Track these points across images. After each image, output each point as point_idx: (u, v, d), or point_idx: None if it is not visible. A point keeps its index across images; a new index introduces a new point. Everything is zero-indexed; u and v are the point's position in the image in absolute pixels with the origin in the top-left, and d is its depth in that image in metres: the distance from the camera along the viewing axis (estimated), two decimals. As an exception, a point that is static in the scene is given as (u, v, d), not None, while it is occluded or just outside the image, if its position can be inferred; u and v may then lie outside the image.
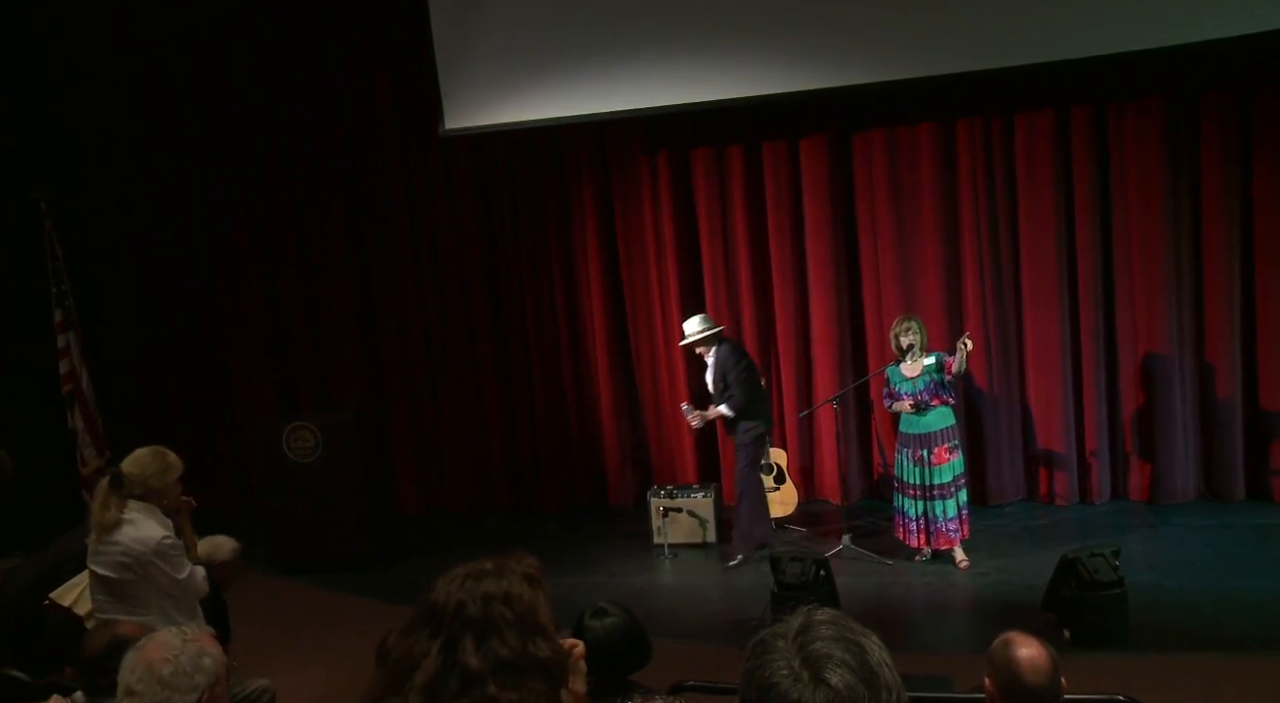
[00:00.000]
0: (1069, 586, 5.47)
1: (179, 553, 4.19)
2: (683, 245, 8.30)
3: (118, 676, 2.57)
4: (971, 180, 7.64)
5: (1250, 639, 5.41)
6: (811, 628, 1.47)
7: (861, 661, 1.42)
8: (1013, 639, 2.79)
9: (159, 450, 4.27)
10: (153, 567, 4.11)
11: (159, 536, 4.13)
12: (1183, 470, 7.51)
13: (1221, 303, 7.31)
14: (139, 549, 4.09)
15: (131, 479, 4.18)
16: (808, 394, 8.24)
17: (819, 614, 1.50)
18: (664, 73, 7.47)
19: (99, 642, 3.21)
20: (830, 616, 1.50)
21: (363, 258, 8.99)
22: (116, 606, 4.13)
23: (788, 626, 1.49)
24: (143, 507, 4.19)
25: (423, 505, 9.08)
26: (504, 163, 8.56)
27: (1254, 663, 5.16)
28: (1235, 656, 5.24)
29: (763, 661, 1.45)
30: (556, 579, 6.55)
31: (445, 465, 9.04)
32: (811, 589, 5.64)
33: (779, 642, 1.46)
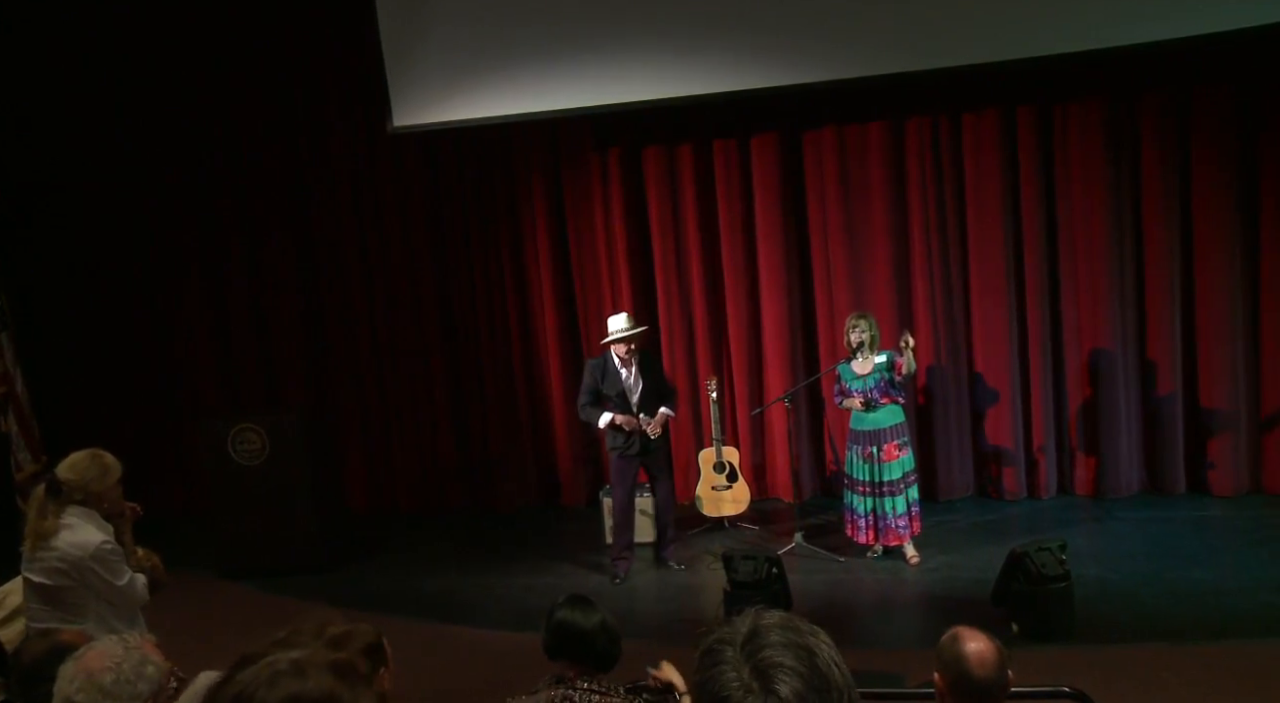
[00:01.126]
0: (1017, 580, 5.52)
1: (118, 559, 4.08)
2: (634, 243, 8.29)
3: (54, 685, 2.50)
4: (920, 179, 7.70)
5: (1190, 629, 5.52)
6: (759, 634, 1.45)
7: (811, 665, 1.42)
8: (960, 634, 2.79)
9: (96, 454, 4.16)
10: (90, 573, 3.99)
11: (98, 540, 4.02)
12: (1126, 465, 7.62)
13: (1163, 300, 7.42)
14: (76, 554, 3.98)
15: (70, 485, 4.06)
16: (759, 392, 8.25)
17: (766, 617, 1.49)
18: (615, 71, 7.45)
19: (37, 650, 3.11)
20: (778, 618, 1.48)
21: (309, 256, 8.88)
22: (52, 614, 3.99)
23: (735, 631, 1.47)
24: (82, 511, 4.08)
25: (372, 507, 9.01)
26: (454, 160, 8.50)
27: (1194, 652, 5.25)
28: (1176, 645, 5.33)
29: (713, 673, 1.43)
30: (509, 580, 7.10)
31: (395, 466, 8.98)
32: (764, 587, 5.68)
33: (727, 650, 1.44)
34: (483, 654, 6.02)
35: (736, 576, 5.77)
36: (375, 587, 7.25)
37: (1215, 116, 7.18)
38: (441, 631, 6.36)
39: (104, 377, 9.23)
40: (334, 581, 7.39)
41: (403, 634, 5.54)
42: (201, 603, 7.00)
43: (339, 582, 7.37)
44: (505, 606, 6.70)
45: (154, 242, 9.06)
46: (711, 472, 7.58)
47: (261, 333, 9.05)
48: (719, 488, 7.61)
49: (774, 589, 5.71)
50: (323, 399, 8.86)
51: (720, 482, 7.61)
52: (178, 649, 4.93)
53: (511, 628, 6.26)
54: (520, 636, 6.03)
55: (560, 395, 8.58)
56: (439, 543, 8.13)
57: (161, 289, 9.15)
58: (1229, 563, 6.33)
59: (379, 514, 8.94)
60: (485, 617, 6.54)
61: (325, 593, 7.08)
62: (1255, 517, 7.12)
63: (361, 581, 7.41)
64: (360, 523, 8.66)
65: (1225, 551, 6.56)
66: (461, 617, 6.56)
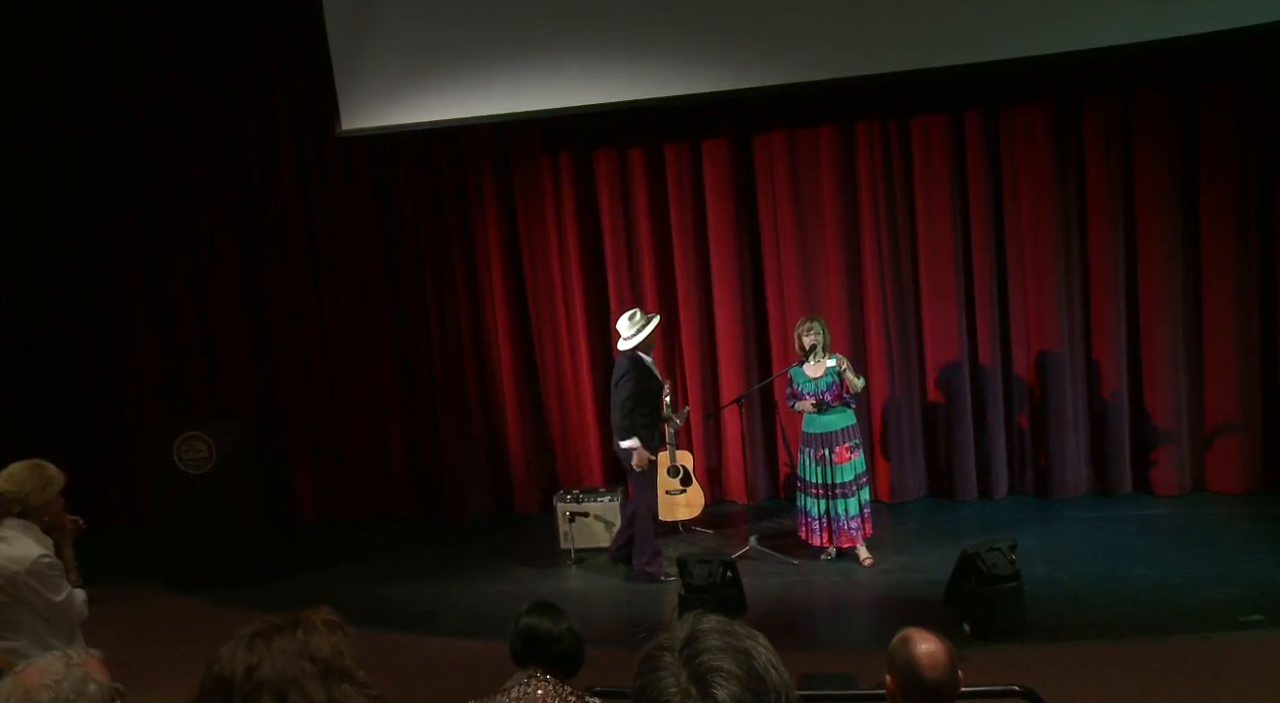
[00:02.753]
0: (969, 581, 5.53)
1: (57, 573, 3.94)
2: (586, 247, 8.31)
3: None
4: (871, 182, 7.78)
5: (1135, 626, 5.59)
6: (697, 639, 1.47)
7: (748, 668, 1.43)
8: (911, 636, 2.80)
9: (37, 464, 4.04)
10: (26, 589, 3.82)
11: (35, 554, 3.87)
12: (1074, 465, 7.70)
13: (1108, 301, 7.52)
14: (12, 569, 3.84)
15: (8, 497, 3.94)
16: (714, 395, 8.30)
17: (704, 623, 1.50)
18: (565, 73, 7.43)
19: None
20: (715, 623, 1.50)
21: (256, 261, 8.79)
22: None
23: (674, 638, 1.49)
24: (20, 524, 3.95)
25: (322, 515, 8.94)
26: (403, 163, 8.48)
27: (1139, 649, 5.31)
28: (1122, 643, 5.39)
29: (651, 679, 1.45)
30: (463, 587, 7.04)
31: (345, 473, 8.92)
32: (719, 591, 5.67)
33: (666, 656, 1.46)
34: (436, 664, 5.95)
35: (691, 580, 5.74)
36: (325, 596, 6.99)
37: (1157, 120, 7.30)
38: (393, 640, 6.28)
39: (44, 385, 9.06)
40: (283, 590, 7.28)
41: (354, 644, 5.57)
42: (147, 616, 6.88)
43: (288, 591, 7.25)
44: (459, 614, 6.66)
45: (94, 245, 8.90)
46: (665, 476, 7.53)
47: (207, 339, 8.94)
48: (673, 492, 7.60)
49: (729, 593, 5.69)
50: (271, 406, 8.79)
51: (674, 486, 7.61)
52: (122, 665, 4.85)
53: (465, 636, 6.22)
54: (475, 644, 6.01)
55: (513, 400, 8.59)
56: (391, 551, 8.07)
57: (102, 294, 8.99)
58: (1173, 561, 6.40)
59: (329, 522, 8.86)
60: (439, 625, 6.48)
61: (274, 603, 6.64)
62: (1198, 515, 7.23)
63: (312, 590, 7.25)
64: (310, 531, 8.57)
65: (1169, 549, 6.63)
66: (414, 626, 6.49)
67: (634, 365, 6.71)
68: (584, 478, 8.50)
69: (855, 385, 6.60)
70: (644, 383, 6.73)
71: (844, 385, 6.59)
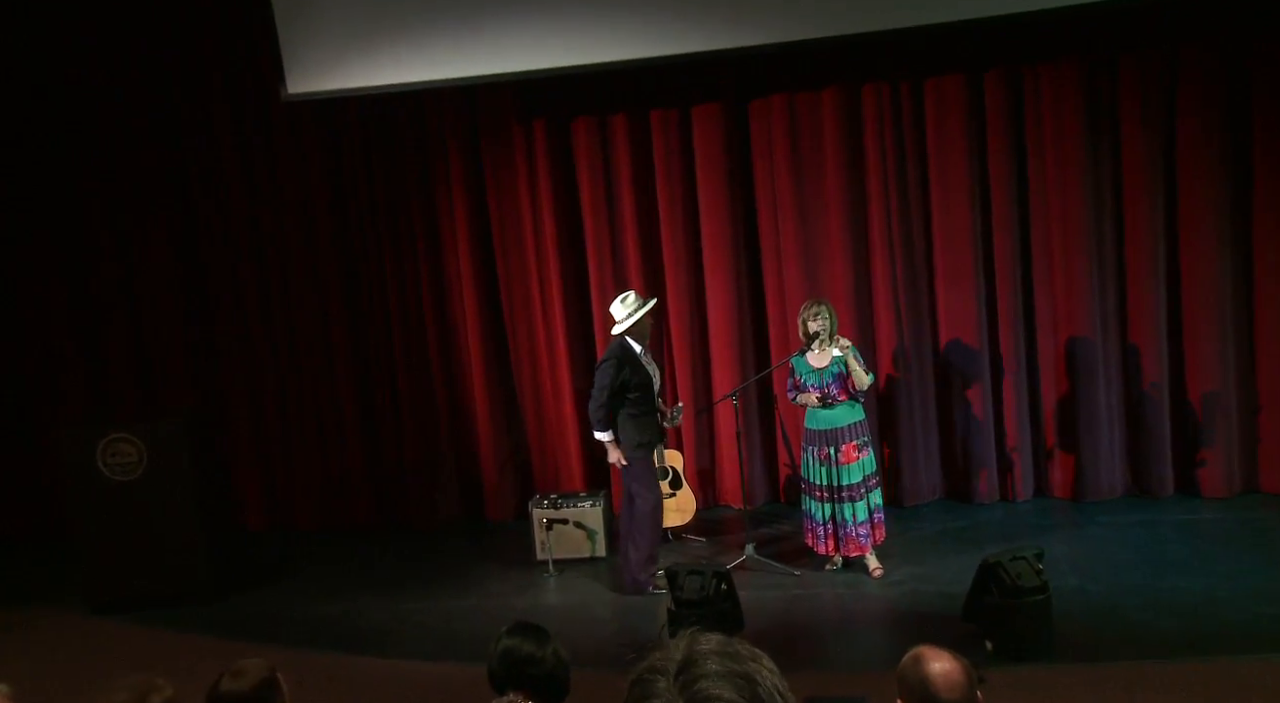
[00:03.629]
0: (990, 593, 5.52)
1: None
2: (564, 226, 8.28)
3: None
4: (879, 152, 7.72)
5: (1180, 645, 5.54)
6: (695, 662, 1.45)
7: (752, 696, 1.42)
8: (924, 654, 2.80)
9: None
10: None
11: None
12: (1108, 465, 7.68)
13: (1146, 283, 7.47)
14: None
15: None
16: (706, 389, 8.28)
17: (702, 643, 1.48)
18: (540, 31, 7.36)
19: None
20: (716, 643, 1.48)
21: (192, 243, 8.74)
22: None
23: (668, 659, 1.47)
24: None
25: (269, 524, 8.94)
26: (359, 133, 8.40)
27: (1183, 670, 5.27)
28: (1164, 663, 5.35)
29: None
30: (428, 604, 7.04)
31: (296, 479, 8.88)
32: (712, 605, 5.65)
33: (659, 681, 1.44)
34: (397, 688, 5.91)
35: (681, 593, 5.72)
36: (273, 615, 7.13)
37: (1204, 79, 7.22)
38: (348, 663, 6.25)
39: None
40: (225, 610, 7.24)
41: (303, 668, 5.56)
42: (67, 644, 6.80)
43: (230, 611, 7.22)
44: (423, 633, 6.63)
45: (4, 223, 8.79)
46: None
47: (136, 328, 8.87)
48: (663, 496, 7.44)
49: (723, 607, 5.69)
50: (210, 404, 8.73)
51: (663, 489, 7.52)
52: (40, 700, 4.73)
53: (429, 658, 6.20)
54: (442, 666, 6.00)
55: (484, 396, 8.57)
56: (346, 564, 8.05)
57: (16, 278, 8.89)
58: (1221, 571, 6.36)
59: (277, 533, 8.86)
60: (399, 646, 6.46)
61: (214, 624, 6.93)
62: (1250, 519, 7.20)
63: (257, 608, 7.27)
64: (256, 543, 8.58)
65: (1217, 557, 6.59)
66: (372, 646, 6.46)
67: (617, 352, 6.73)
68: (563, 481, 8.48)
69: (862, 381, 6.57)
70: (625, 372, 6.71)
71: (849, 381, 6.57)
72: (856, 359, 6.56)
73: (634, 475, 6.84)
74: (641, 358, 6.82)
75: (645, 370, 6.84)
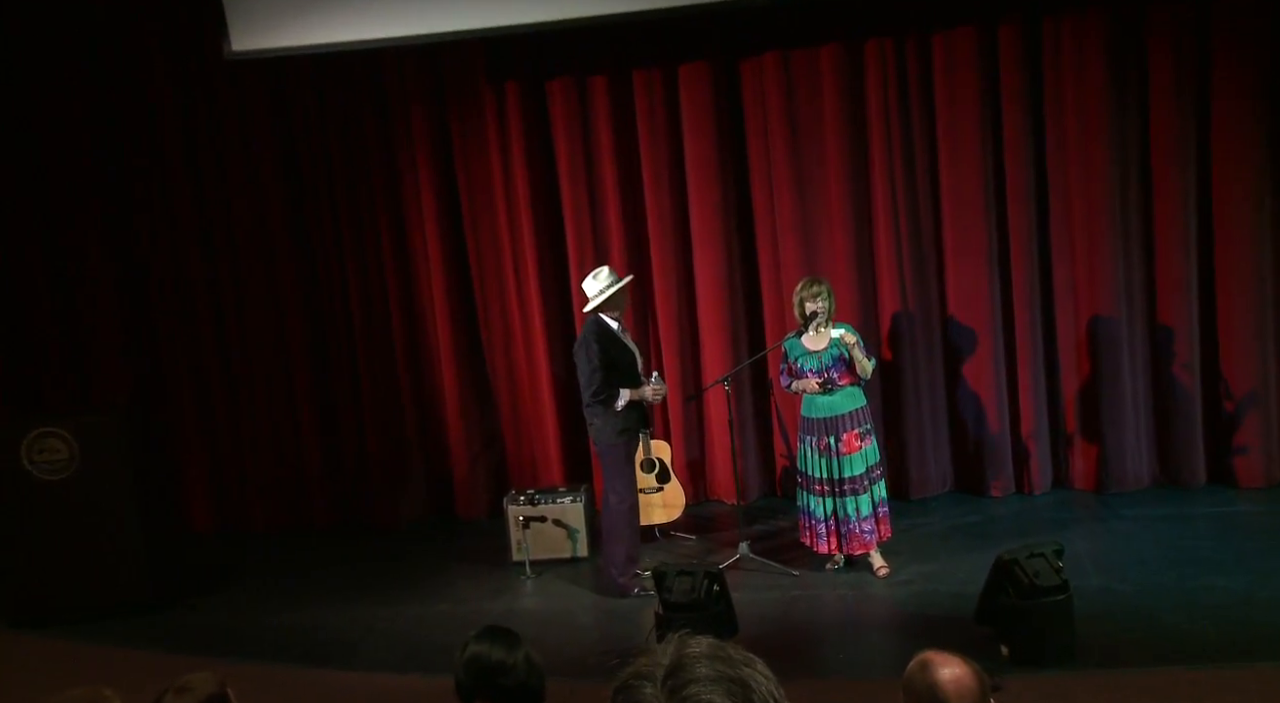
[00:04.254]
0: (1006, 593, 5.47)
1: None
2: (539, 197, 8.27)
3: None
4: (883, 114, 7.69)
5: (1211, 650, 5.49)
6: (684, 667, 1.46)
7: (746, 702, 1.43)
8: (931, 660, 2.79)
9: None
10: None
11: None
12: (1134, 453, 7.68)
13: (1177, 254, 7.45)
14: None
15: None
16: (694, 374, 8.29)
17: (692, 646, 1.50)
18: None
19: None
20: (706, 647, 1.50)
21: (128, 217, 8.68)
22: None
23: (655, 664, 1.48)
24: None
25: (219, 527, 8.93)
26: (312, 96, 8.37)
27: (1218, 677, 5.22)
28: (1199, 669, 5.29)
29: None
30: (393, 610, 7.04)
31: (248, 477, 8.88)
32: (704, 609, 5.65)
33: (646, 688, 1.45)
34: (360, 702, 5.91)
35: (670, 596, 5.72)
36: (223, 624, 7.11)
37: (1240, 33, 7.19)
38: (306, 676, 6.23)
39: None
40: (169, 620, 7.18)
41: (257, 682, 5.62)
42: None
43: (176, 621, 7.17)
44: (387, 642, 6.61)
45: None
46: (638, 470, 7.43)
47: (67, 313, 8.79)
48: (647, 490, 7.57)
49: (715, 611, 5.70)
50: (152, 396, 8.70)
51: (649, 482, 7.58)
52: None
53: (395, 669, 6.17)
54: (407, 679, 5.99)
55: (453, 384, 8.57)
56: (305, 569, 8.04)
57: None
58: (1260, 569, 6.34)
59: (228, 535, 8.86)
60: (362, 656, 6.43)
61: (158, 636, 6.88)
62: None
63: (205, 618, 7.23)
64: (204, 547, 8.59)
65: (1256, 554, 6.57)
66: (332, 658, 6.43)
67: (593, 330, 6.72)
68: (540, 476, 8.49)
69: (865, 368, 6.57)
70: (611, 351, 6.71)
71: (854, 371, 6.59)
72: (859, 346, 6.54)
73: (612, 467, 6.82)
74: (621, 336, 6.83)
75: (629, 348, 6.86)
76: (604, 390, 6.68)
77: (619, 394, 6.69)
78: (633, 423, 6.86)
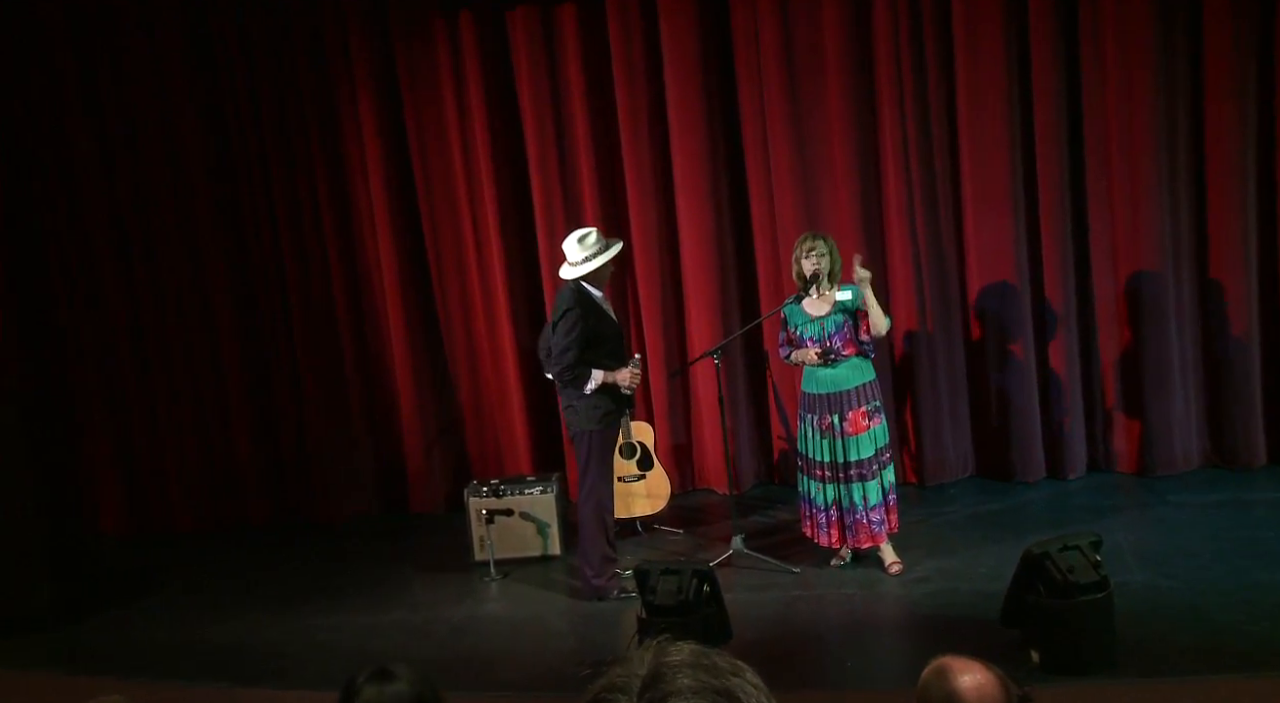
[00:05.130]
0: (1036, 592, 5.42)
1: None
2: (500, 146, 8.29)
3: None
4: (893, 47, 7.69)
5: (1273, 654, 5.44)
6: (663, 676, 1.47)
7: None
8: (949, 667, 2.76)
9: None
10: None
11: None
12: (1183, 430, 7.70)
13: (1231, 203, 7.44)
14: None
15: None
16: (680, 346, 8.35)
17: (672, 654, 1.51)
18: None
19: None
20: (688, 654, 1.51)
21: (20, 186, 8.58)
22: None
23: (630, 674, 1.49)
24: None
25: (135, 530, 8.93)
26: (235, 31, 8.33)
27: (1279, 686, 5.22)
28: (1258, 678, 5.24)
29: None
30: (338, 619, 7.01)
31: (169, 473, 8.90)
32: (692, 612, 5.64)
33: (619, 700, 1.47)
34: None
35: (654, 597, 5.71)
36: (139, 640, 7.02)
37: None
38: (237, 697, 6.14)
39: None
40: (75, 639, 7.10)
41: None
42: None
43: (83, 637, 7.11)
44: (331, 655, 6.53)
45: None
46: (618, 457, 7.44)
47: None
48: (628, 478, 7.62)
49: (705, 614, 5.69)
50: (53, 385, 8.70)
51: (629, 470, 7.62)
52: None
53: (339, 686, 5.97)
54: None
55: (405, 362, 8.63)
56: (235, 574, 8.03)
57: None
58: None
59: (146, 538, 8.85)
60: (302, 673, 6.34)
61: (61, 655, 6.84)
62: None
63: (118, 633, 7.14)
64: (118, 552, 8.61)
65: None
66: (267, 675, 6.35)
67: (572, 299, 6.64)
68: (505, 464, 8.55)
69: (880, 324, 6.53)
70: (590, 322, 6.64)
71: (862, 325, 6.51)
72: (873, 302, 6.49)
73: (589, 455, 6.77)
74: (603, 305, 6.78)
75: (614, 321, 6.83)
76: (574, 369, 6.60)
77: (590, 375, 6.62)
78: (616, 406, 6.80)
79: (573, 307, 6.60)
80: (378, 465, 8.78)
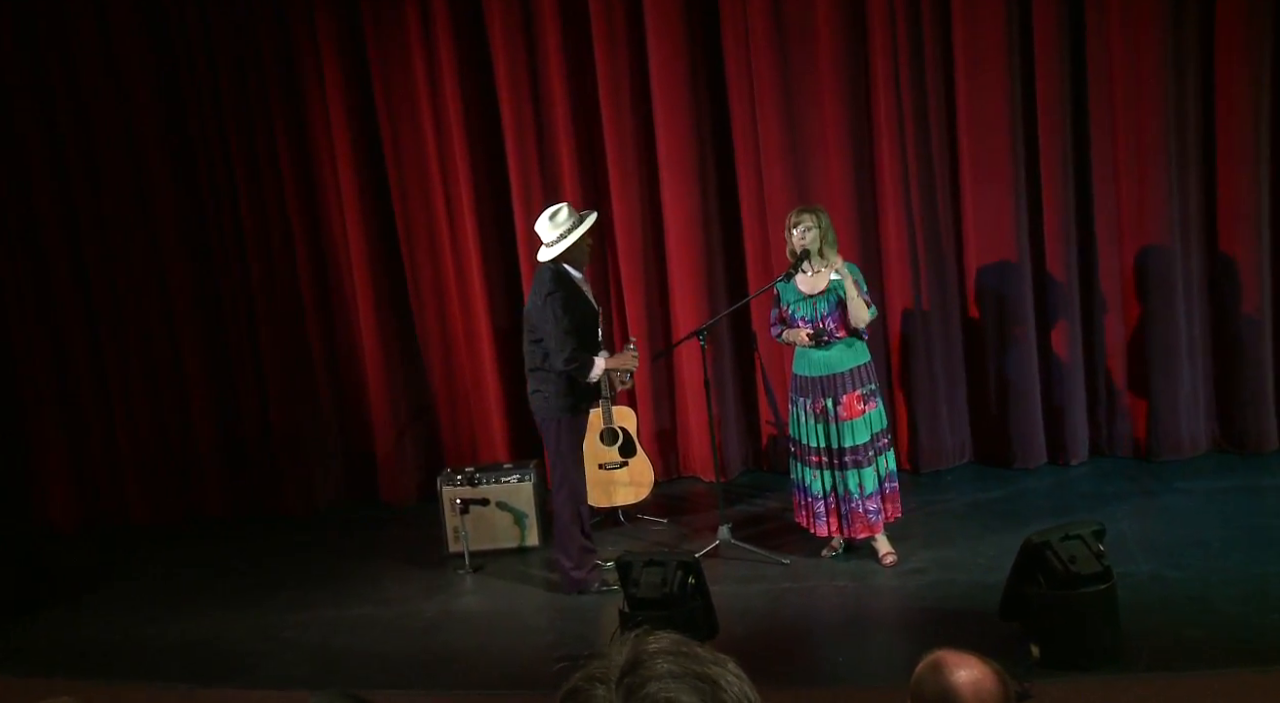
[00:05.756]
0: (1036, 583, 5.45)
1: None
2: (474, 115, 8.29)
3: None
4: (888, 11, 7.67)
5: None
6: (642, 664, 1.50)
7: (716, 701, 1.48)
8: (944, 661, 2.76)
9: None
10: None
11: None
12: (1190, 413, 7.71)
13: (1242, 174, 7.43)
14: None
15: None
16: (664, 327, 8.38)
17: (652, 642, 1.54)
18: None
19: None
20: (667, 643, 1.54)
21: None
22: None
23: (609, 665, 1.52)
24: None
25: (84, 522, 8.94)
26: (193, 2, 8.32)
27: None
28: (1269, 672, 5.25)
29: None
30: (303, 615, 7.05)
31: (121, 462, 8.91)
32: (677, 605, 5.66)
33: (598, 690, 1.50)
34: None
35: (637, 590, 5.73)
36: (90, 638, 7.03)
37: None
38: (197, 698, 6.16)
39: None
40: (19, 635, 7.12)
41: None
42: None
43: (28, 636, 7.12)
44: (297, 653, 6.58)
45: None
46: (599, 443, 7.54)
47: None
48: (609, 465, 7.65)
49: (690, 607, 5.71)
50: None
51: (611, 457, 7.65)
52: None
53: (306, 685, 6.06)
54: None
55: (375, 346, 8.63)
56: (193, 568, 8.02)
57: None
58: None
59: (96, 531, 8.87)
60: (266, 671, 6.38)
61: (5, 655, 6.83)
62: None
63: (66, 631, 7.16)
64: (65, 546, 8.61)
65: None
66: (230, 673, 6.38)
67: (553, 282, 6.62)
68: (481, 451, 8.57)
69: (861, 316, 6.53)
70: (576, 306, 6.66)
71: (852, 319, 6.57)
72: (858, 285, 6.51)
73: (558, 443, 6.81)
74: (583, 287, 6.78)
75: (592, 305, 6.82)
76: (578, 356, 6.58)
77: (594, 363, 6.63)
78: (591, 393, 6.83)
79: (554, 290, 6.58)
80: (346, 453, 8.79)
